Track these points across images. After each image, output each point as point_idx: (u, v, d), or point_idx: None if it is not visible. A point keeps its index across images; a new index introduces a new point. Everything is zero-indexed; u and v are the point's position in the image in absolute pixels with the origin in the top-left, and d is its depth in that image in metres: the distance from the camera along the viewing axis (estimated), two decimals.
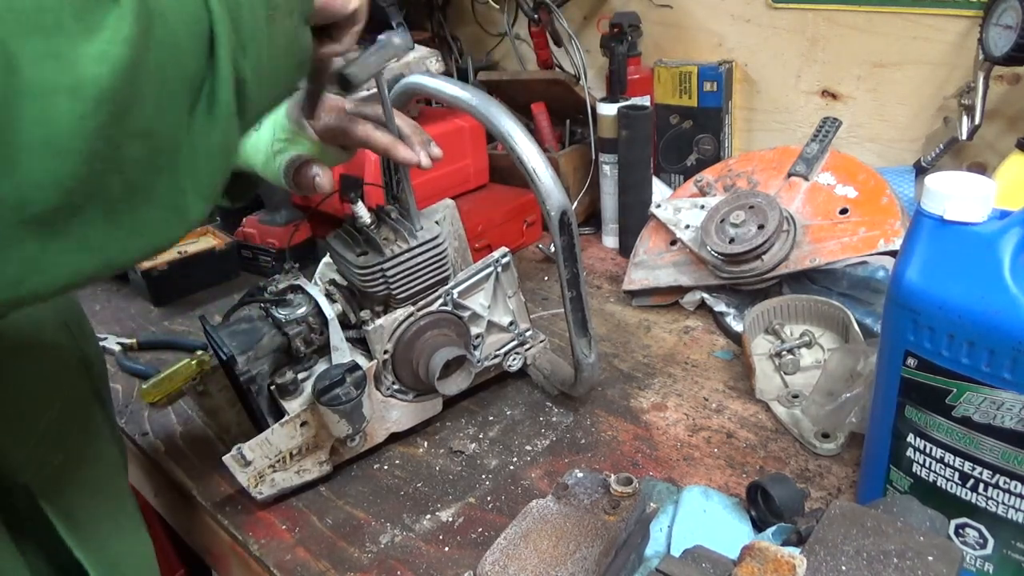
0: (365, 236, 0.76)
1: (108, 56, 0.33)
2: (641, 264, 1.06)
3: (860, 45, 1.13)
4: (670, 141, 1.30)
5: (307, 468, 0.74)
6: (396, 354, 0.78)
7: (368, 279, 0.74)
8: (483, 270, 0.81)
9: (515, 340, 0.86)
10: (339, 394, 0.70)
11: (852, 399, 0.73)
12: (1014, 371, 0.48)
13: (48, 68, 0.31)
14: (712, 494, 0.65)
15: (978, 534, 0.55)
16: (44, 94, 0.31)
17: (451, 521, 0.70)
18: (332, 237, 0.79)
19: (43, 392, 0.60)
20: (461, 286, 0.80)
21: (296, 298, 0.75)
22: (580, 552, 0.50)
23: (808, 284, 0.96)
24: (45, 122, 0.31)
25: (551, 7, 1.31)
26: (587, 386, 0.81)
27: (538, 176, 0.68)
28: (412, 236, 0.75)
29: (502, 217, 1.19)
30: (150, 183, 0.37)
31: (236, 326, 0.74)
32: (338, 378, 0.70)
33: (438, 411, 0.83)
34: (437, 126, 1.17)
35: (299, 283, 0.77)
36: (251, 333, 0.73)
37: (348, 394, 0.70)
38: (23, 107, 0.31)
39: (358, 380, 0.71)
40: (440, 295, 0.79)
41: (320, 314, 0.74)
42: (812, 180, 0.99)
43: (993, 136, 1.04)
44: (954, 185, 0.51)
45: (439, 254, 0.77)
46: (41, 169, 0.32)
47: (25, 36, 0.31)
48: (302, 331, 0.73)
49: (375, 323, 0.76)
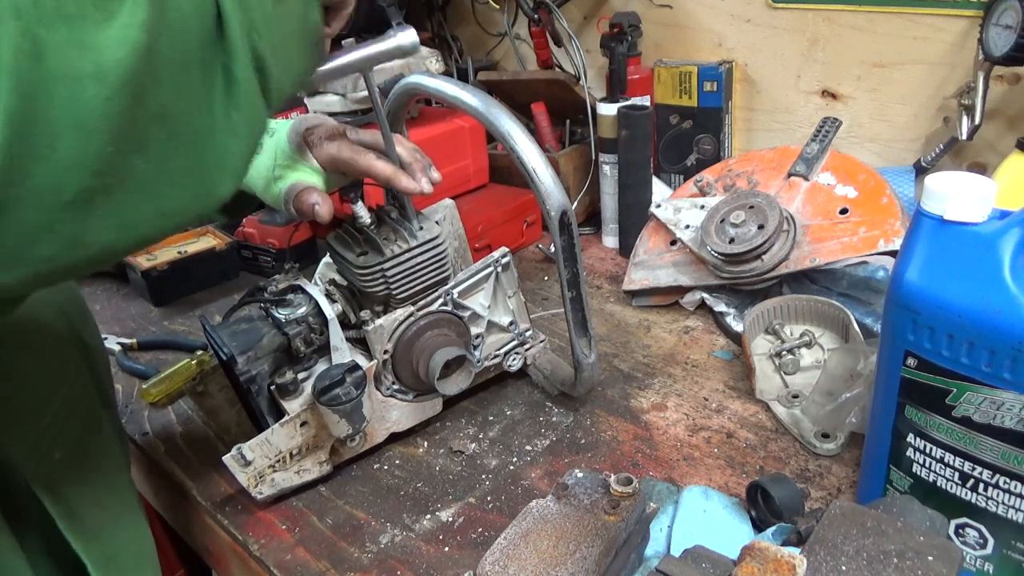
0: (365, 236, 0.76)
1: (127, 40, 0.34)
2: (641, 264, 1.06)
3: (860, 45, 1.13)
4: (670, 141, 1.30)
5: (307, 468, 0.74)
6: (396, 354, 0.77)
7: (368, 279, 0.74)
8: (483, 270, 0.81)
9: (515, 340, 0.86)
10: (339, 394, 0.70)
11: (852, 399, 0.73)
12: (1014, 371, 0.48)
13: (74, 54, 0.33)
14: (712, 494, 0.65)
15: (978, 534, 0.55)
16: (73, 79, 0.33)
17: (451, 521, 0.70)
18: (332, 237, 0.79)
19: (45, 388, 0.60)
20: (461, 286, 0.80)
21: (296, 298, 0.75)
22: (580, 552, 0.50)
23: (808, 284, 0.96)
24: (75, 106, 0.33)
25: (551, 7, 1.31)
26: (587, 386, 0.81)
27: (538, 176, 0.68)
28: (412, 236, 0.75)
29: (502, 217, 1.19)
30: (174, 162, 0.39)
31: (236, 326, 0.74)
32: (338, 378, 0.70)
33: (438, 411, 0.83)
34: (437, 126, 1.17)
35: (299, 283, 0.77)
36: (251, 333, 0.73)
37: (348, 394, 0.70)
38: (54, 93, 0.32)
39: (358, 380, 0.71)
40: (440, 295, 0.79)
41: (320, 314, 0.74)
42: (812, 180, 0.99)
43: (993, 136, 1.04)
44: (954, 185, 0.51)
45: (439, 254, 0.77)
46: (74, 151, 0.33)
47: (51, 25, 0.32)
48: (302, 331, 0.73)
49: (375, 323, 0.76)
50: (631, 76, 1.22)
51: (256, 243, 1.19)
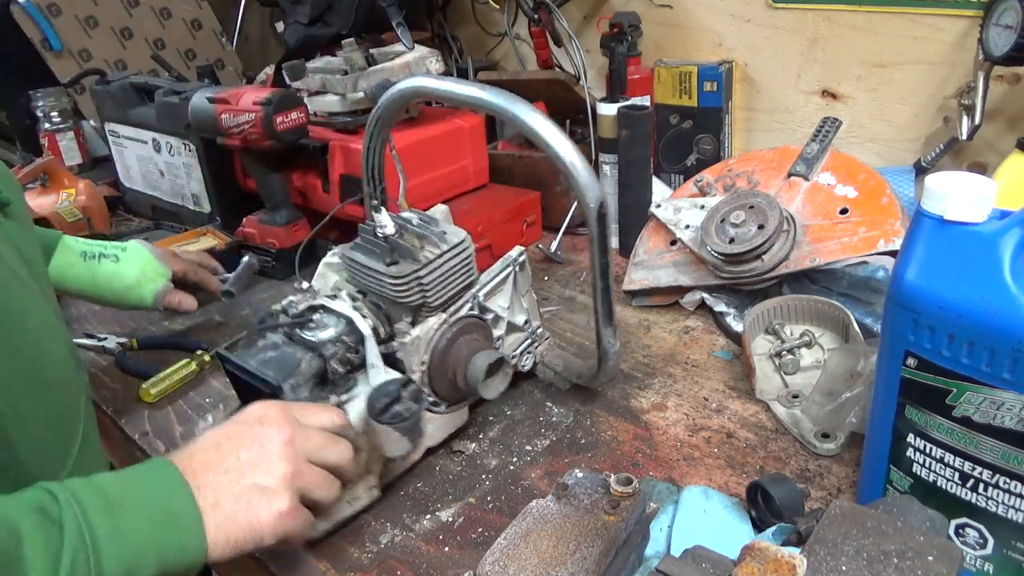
0: (392, 245, 0.73)
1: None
2: (641, 264, 1.06)
3: (860, 45, 1.13)
4: (670, 141, 1.30)
5: (359, 496, 0.69)
6: (432, 365, 0.74)
7: (403, 288, 0.71)
8: (503, 270, 0.80)
9: (528, 339, 0.85)
10: (400, 411, 0.66)
11: (852, 399, 0.73)
12: (1014, 371, 0.48)
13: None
14: (712, 494, 0.65)
15: (978, 534, 0.55)
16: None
17: (451, 521, 0.70)
18: (351, 248, 0.76)
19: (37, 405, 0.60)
20: (485, 288, 0.79)
21: (322, 318, 0.71)
22: (580, 552, 0.50)
23: (808, 284, 0.96)
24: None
25: (551, 7, 1.31)
26: (610, 375, 0.80)
27: (576, 170, 0.66)
28: (442, 240, 0.73)
29: (502, 217, 1.19)
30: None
31: (262, 354, 0.69)
32: (395, 394, 0.67)
33: (465, 420, 0.81)
34: (437, 126, 1.17)
35: (321, 302, 0.72)
36: (285, 359, 0.68)
37: (409, 409, 0.66)
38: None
39: (415, 394, 0.68)
40: (467, 299, 0.77)
41: (353, 331, 0.70)
42: (812, 180, 0.99)
43: (993, 136, 1.04)
44: (954, 185, 0.51)
45: (469, 257, 0.75)
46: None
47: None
48: (338, 351, 0.69)
49: (412, 334, 0.72)
50: (631, 76, 1.22)
51: (256, 243, 1.19)
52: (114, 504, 0.48)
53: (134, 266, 0.94)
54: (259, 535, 0.54)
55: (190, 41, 1.78)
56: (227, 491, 0.53)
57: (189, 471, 0.52)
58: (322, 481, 0.59)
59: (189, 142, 1.25)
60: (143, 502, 0.49)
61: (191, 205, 1.33)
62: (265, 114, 1.03)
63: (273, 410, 0.59)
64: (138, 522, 0.48)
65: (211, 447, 0.55)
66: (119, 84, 1.35)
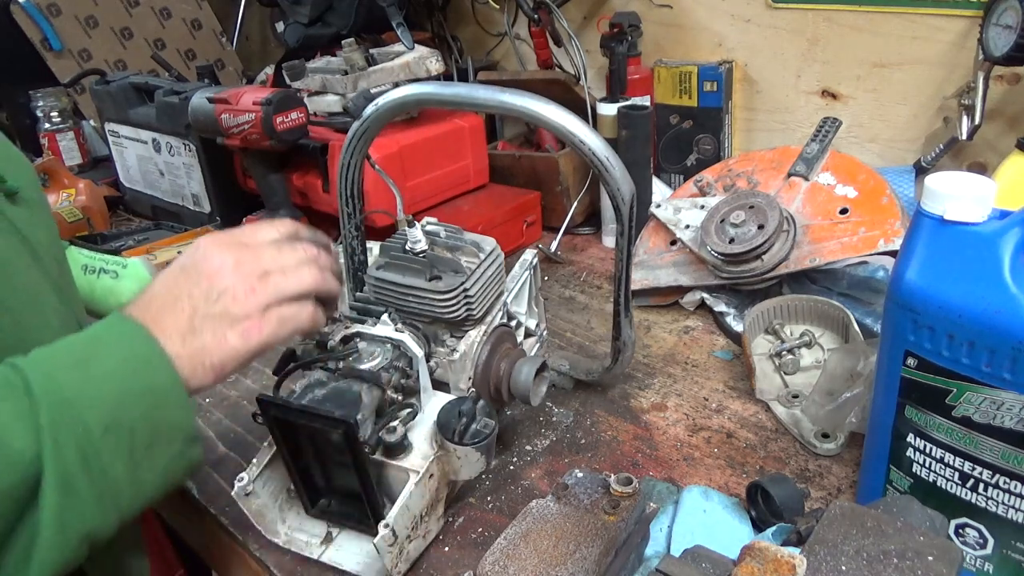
0: (430, 259, 0.71)
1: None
2: (641, 264, 1.06)
3: (860, 45, 1.13)
4: (670, 141, 1.30)
5: (431, 528, 0.66)
6: (476, 380, 0.73)
7: (449, 303, 0.70)
8: (522, 274, 0.80)
9: (538, 342, 0.86)
10: (479, 429, 0.64)
11: (852, 399, 0.73)
12: (1014, 371, 0.48)
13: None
14: (712, 494, 0.65)
15: (978, 534, 0.55)
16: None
17: (451, 521, 0.70)
18: (381, 268, 0.73)
19: None
20: (511, 294, 0.78)
21: (365, 347, 0.67)
22: (580, 552, 0.50)
23: (808, 284, 0.96)
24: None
25: (551, 7, 1.31)
26: (626, 366, 0.80)
27: (612, 166, 0.66)
28: (479, 249, 0.72)
29: (502, 217, 1.19)
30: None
31: (312, 392, 0.64)
32: (470, 413, 0.64)
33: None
34: (437, 126, 1.17)
35: (357, 329, 0.68)
36: (343, 394, 0.63)
37: (487, 426, 0.64)
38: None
39: (487, 409, 0.65)
40: (499, 308, 0.76)
41: (402, 356, 0.67)
42: (812, 180, 0.99)
43: (993, 136, 1.04)
44: (954, 185, 0.51)
45: (501, 264, 0.74)
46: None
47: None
48: (392, 378, 0.65)
49: (459, 350, 0.71)
50: (631, 76, 1.22)
51: None
52: (80, 360, 0.48)
53: (131, 285, 0.96)
54: (236, 354, 0.54)
55: (190, 41, 1.78)
56: (189, 327, 0.53)
57: (149, 321, 0.52)
58: (285, 282, 0.58)
59: (189, 142, 1.25)
60: (110, 353, 0.49)
61: (191, 205, 1.33)
62: (265, 114, 1.03)
63: (212, 242, 0.58)
64: (110, 368, 0.48)
65: (163, 292, 0.54)
66: (119, 84, 1.35)
